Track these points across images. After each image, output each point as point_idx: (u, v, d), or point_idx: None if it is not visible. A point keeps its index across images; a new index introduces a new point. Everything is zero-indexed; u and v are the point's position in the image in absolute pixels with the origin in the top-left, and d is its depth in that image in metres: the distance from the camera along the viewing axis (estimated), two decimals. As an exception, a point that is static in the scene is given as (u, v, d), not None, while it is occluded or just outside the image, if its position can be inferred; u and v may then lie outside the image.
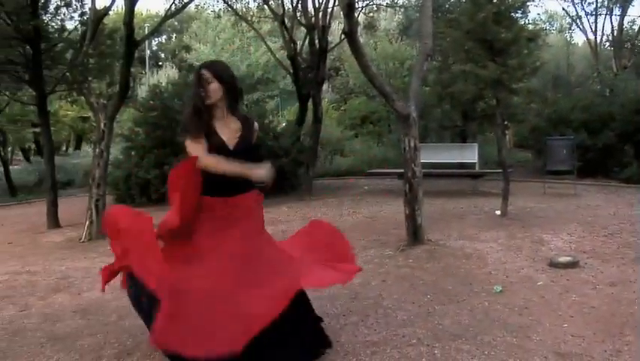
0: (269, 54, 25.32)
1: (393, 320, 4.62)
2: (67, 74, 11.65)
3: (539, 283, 5.47)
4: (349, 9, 6.77)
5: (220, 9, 18.52)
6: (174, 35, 41.43)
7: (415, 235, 7.19)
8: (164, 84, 15.66)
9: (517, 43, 9.65)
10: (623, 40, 23.97)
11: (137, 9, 11.38)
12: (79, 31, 12.70)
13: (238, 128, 3.70)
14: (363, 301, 5.16)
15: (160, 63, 39.52)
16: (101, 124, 9.81)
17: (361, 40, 22.46)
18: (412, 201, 7.18)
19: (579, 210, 9.65)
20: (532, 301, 4.95)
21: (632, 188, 12.61)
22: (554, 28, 34.00)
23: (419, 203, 7.17)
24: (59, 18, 12.36)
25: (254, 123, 3.85)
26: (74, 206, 13.39)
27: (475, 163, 14.41)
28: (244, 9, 18.28)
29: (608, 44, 25.84)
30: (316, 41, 13.45)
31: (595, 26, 24.05)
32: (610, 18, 23.79)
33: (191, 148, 3.52)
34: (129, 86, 10.67)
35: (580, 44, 33.21)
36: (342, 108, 26.13)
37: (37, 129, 27.49)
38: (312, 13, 14.14)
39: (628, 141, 14.69)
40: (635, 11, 77.39)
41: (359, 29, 15.83)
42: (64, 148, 33.34)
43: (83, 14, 12.61)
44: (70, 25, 12.79)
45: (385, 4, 19.54)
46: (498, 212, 9.33)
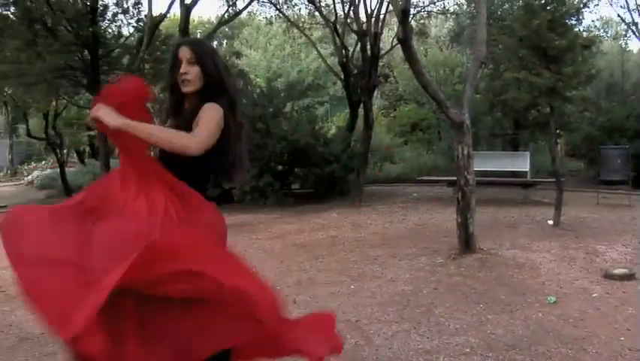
0: (319, 60, 25.46)
1: (445, 328, 4.60)
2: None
3: (594, 295, 5.38)
4: (404, 15, 6.78)
5: (272, 15, 18.69)
6: (225, 41, 41.86)
7: (467, 243, 7.14)
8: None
9: (572, 50, 9.55)
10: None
11: (191, 15, 11.55)
12: (134, 38, 12.94)
13: None
14: (415, 308, 5.15)
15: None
16: (157, 128, 10.00)
17: (412, 48, 22.43)
18: (464, 209, 7.13)
19: (634, 222, 9.45)
20: (588, 313, 4.87)
21: (689, 199, 12.31)
22: (609, 35, 33.42)
23: (471, 211, 7.13)
24: (116, 25, 12.64)
25: None
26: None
27: (527, 172, 14.22)
28: (295, 16, 18.41)
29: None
30: (368, 48, 13.46)
31: (651, 33, 23.55)
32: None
33: None
34: (183, 91, 10.84)
35: (635, 51, 32.55)
36: (391, 115, 26.05)
37: (93, 132, 28.18)
38: (364, 19, 14.17)
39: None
40: (694, 18, 75.26)
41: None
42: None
43: (138, 21, 12.87)
44: (127, 32, 13.01)
45: (437, 10, 19.48)
46: (550, 222, 9.19)
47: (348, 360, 4.03)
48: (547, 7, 10.20)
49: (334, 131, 17.31)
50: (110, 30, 12.69)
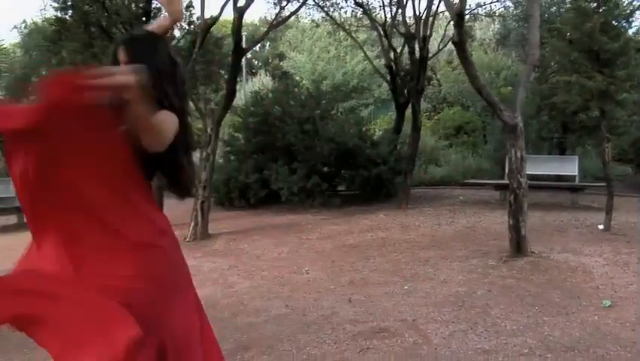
0: (364, 63, 25.55)
1: (502, 329, 4.65)
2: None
3: (651, 300, 5.37)
4: (460, 18, 6.84)
5: (319, 18, 18.80)
6: (268, 43, 42.12)
7: (519, 246, 7.15)
8: (263, 91, 16.04)
9: (625, 54, 9.48)
10: None
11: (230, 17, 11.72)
12: (185, 40, 13.17)
13: None
14: (470, 309, 5.20)
15: (254, 71, 40.31)
16: (208, 129, 10.22)
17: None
18: (516, 212, 7.15)
19: (686, 227, 9.35)
20: (645, 317, 4.88)
21: None
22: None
23: (524, 214, 7.14)
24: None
25: None
26: (176, 208, 13.83)
27: (576, 176, 14.08)
28: (342, 18, 18.49)
29: None
30: (417, 50, 13.48)
31: None
32: None
33: None
34: (235, 92, 11.06)
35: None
36: (435, 118, 25.99)
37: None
38: (411, 22, 14.20)
39: None
40: None
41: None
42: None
43: (190, 23, 13.07)
44: (178, 34, 13.26)
45: (484, 13, 19.37)
46: (601, 226, 9.12)
47: (407, 358, 4.12)
48: (600, 10, 10.14)
49: (379, 133, 17.36)
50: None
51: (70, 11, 12.14)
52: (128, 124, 2.07)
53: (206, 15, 11.17)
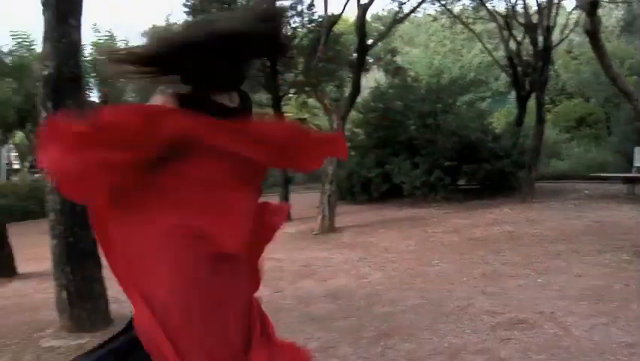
0: (481, 56, 25.20)
1: (646, 323, 4.60)
2: (301, 78, 12.56)
3: None
4: (592, 7, 6.75)
5: (437, 11, 18.73)
6: (385, 37, 42.17)
7: (655, 240, 6.99)
8: (383, 87, 16.20)
9: None
10: None
11: (345, 15, 11.94)
12: (308, 38, 13.48)
13: None
14: (608, 303, 5.15)
15: (367, 67, 40.47)
16: (334, 124, 10.49)
17: (577, 39, 21.54)
18: (653, 206, 6.99)
19: None
20: None
21: None
22: None
23: (661, 208, 6.97)
24: (292, 26, 13.20)
25: None
26: (299, 201, 14.29)
27: None
28: (459, 11, 18.34)
29: None
30: (540, 41, 13.23)
31: None
32: None
33: None
34: (360, 88, 11.29)
35: None
36: (555, 110, 25.31)
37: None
38: (532, 12, 13.96)
39: None
40: None
41: (578, 28, 15.33)
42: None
43: (311, 22, 13.37)
44: (301, 33, 13.59)
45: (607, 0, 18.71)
46: None
47: (549, 348, 4.16)
48: None
49: (499, 126, 17.16)
50: (286, 32, 13.29)
51: (200, 15, 12.69)
52: None
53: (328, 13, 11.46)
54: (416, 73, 24.65)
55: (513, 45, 15.24)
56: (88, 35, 20.57)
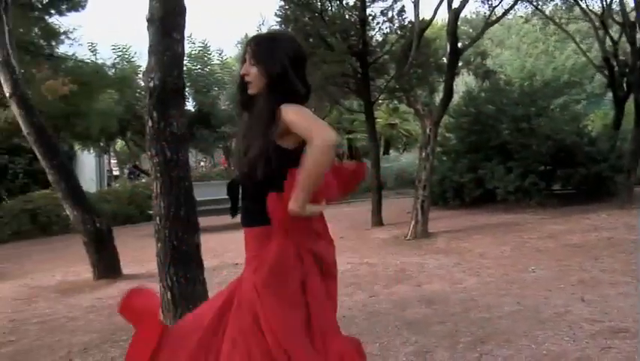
0: (575, 56, 24.60)
1: None
2: (391, 84, 12.66)
3: None
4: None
5: (528, 13, 18.43)
6: (468, 42, 41.72)
7: None
8: (475, 91, 16.06)
9: None
10: None
11: (435, 19, 11.90)
12: (399, 44, 13.52)
13: None
14: None
15: (456, 70, 40.03)
16: (427, 129, 10.51)
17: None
18: None
19: None
20: None
21: None
22: None
23: None
24: (383, 32, 13.30)
25: None
26: (391, 207, 14.37)
27: None
28: (551, 11, 17.98)
29: None
30: (638, 39, 12.82)
31: None
32: None
33: None
34: (452, 93, 11.28)
35: None
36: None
37: (351, 136, 29.90)
38: (630, 9, 13.55)
39: None
40: None
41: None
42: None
43: (402, 28, 13.39)
44: (392, 39, 13.64)
45: None
46: None
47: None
48: None
49: (595, 129, 16.71)
50: (377, 38, 13.39)
51: (292, 24, 12.95)
52: None
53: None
54: (507, 76, 24.30)
55: (609, 44, 14.86)
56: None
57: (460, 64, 13.32)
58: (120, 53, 21.08)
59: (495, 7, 12.53)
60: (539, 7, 16.71)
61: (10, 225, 15.91)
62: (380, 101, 16.39)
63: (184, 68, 5.75)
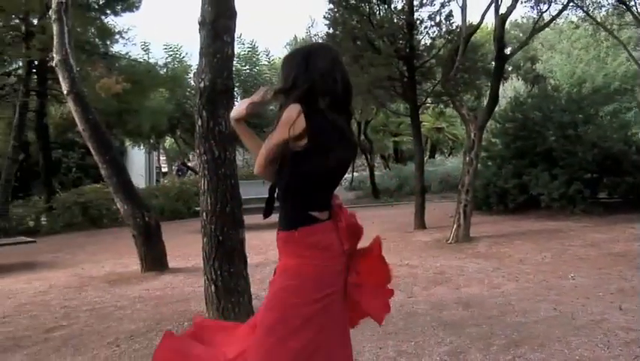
0: (627, 64, 24.20)
1: None
2: (438, 88, 12.74)
3: None
4: None
5: (578, 18, 18.25)
6: (524, 46, 41.27)
7: None
8: (522, 97, 15.99)
9: None
10: None
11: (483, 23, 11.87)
12: (446, 48, 13.57)
13: None
14: None
15: (505, 75, 39.70)
16: (472, 134, 10.55)
17: None
18: None
19: None
20: None
21: None
22: None
23: None
24: (430, 37, 13.36)
25: None
26: (435, 210, 14.43)
27: None
28: (602, 17, 17.76)
29: None
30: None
31: None
32: None
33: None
34: (498, 98, 11.31)
35: None
36: None
37: (397, 138, 29.98)
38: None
39: None
40: None
41: None
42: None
43: (449, 32, 13.43)
44: (439, 43, 13.70)
45: None
46: None
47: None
48: None
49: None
50: (424, 42, 13.46)
51: (340, 27, 13.11)
52: None
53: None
54: (556, 81, 24.04)
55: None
56: (232, 47, 21.69)
57: (510, 68, 13.31)
58: (172, 52, 21.60)
59: (543, 12, 12.45)
60: (590, 12, 16.52)
61: (63, 217, 16.47)
62: (428, 104, 16.46)
63: (233, 68, 5.94)
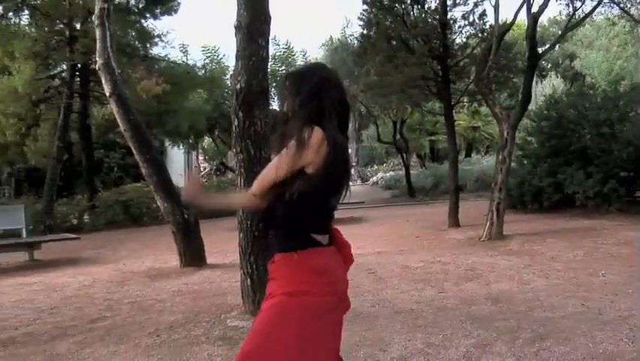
0: (666, 60, 23.87)
1: None
2: (472, 87, 12.84)
3: None
4: None
5: (615, 15, 18.07)
6: (557, 44, 40.76)
7: None
8: (558, 95, 15.95)
9: None
10: None
11: (518, 20, 11.90)
12: (480, 48, 13.64)
13: None
14: None
15: (544, 73, 39.31)
16: (505, 133, 10.62)
17: None
18: None
19: None
20: None
21: None
22: None
23: None
24: (463, 36, 13.46)
25: None
26: (470, 209, 14.49)
27: None
28: (638, 14, 17.57)
29: None
30: None
31: None
32: None
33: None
34: (531, 97, 11.36)
35: None
36: None
37: (433, 137, 30.00)
38: None
39: None
40: None
41: None
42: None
43: (482, 31, 13.50)
44: (472, 42, 13.78)
45: None
46: None
47: None
48: None
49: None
50: (458, 41, 13.56)
51: (374, 28, 13.27)
52: None
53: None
54: (594, 78, 23.82)
55: None
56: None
57: (549, 66, 13.29)
58: (209, 54, 21.95)
59: (577, 9, 12.39)
60: (626, 9, 16.35)
61: (105, 215, 16.95)
62: (464, 103, 16.52)
63: (268, 69, 6.17)
